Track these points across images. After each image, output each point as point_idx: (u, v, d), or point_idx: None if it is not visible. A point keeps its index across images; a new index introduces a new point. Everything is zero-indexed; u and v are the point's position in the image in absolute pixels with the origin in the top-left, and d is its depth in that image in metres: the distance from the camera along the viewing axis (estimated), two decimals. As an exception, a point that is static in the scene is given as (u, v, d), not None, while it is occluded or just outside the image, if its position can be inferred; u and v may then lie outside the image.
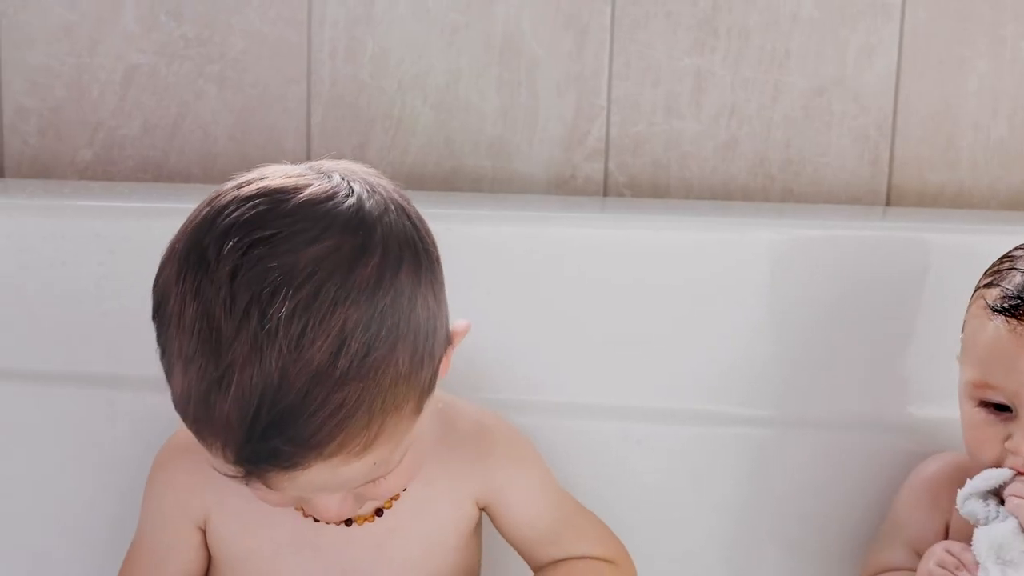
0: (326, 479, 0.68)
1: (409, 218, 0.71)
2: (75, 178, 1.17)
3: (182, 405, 0.69)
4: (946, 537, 0.89)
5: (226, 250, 0.67)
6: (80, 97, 1.15)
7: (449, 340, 0.74)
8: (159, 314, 0.71)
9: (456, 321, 0.77)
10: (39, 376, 0.99)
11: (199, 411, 0.67)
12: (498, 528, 0.88)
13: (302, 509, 0.79)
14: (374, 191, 0.70)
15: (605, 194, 1.20)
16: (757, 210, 1.15)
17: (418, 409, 0.70)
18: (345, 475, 0.68)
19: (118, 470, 0.98)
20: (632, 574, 0.91)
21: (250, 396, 0.64)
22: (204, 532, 0.85)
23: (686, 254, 1.03)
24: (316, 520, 0.79)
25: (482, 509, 0.87)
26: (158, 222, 0.98)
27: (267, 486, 0.68)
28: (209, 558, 0.86)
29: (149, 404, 0.98)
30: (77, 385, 1.00)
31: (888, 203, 1.19)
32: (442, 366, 0.74)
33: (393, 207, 0.70)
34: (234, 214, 0.69)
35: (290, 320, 0.64)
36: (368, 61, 1.16)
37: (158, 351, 0.72)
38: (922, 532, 0.91)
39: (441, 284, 0.73)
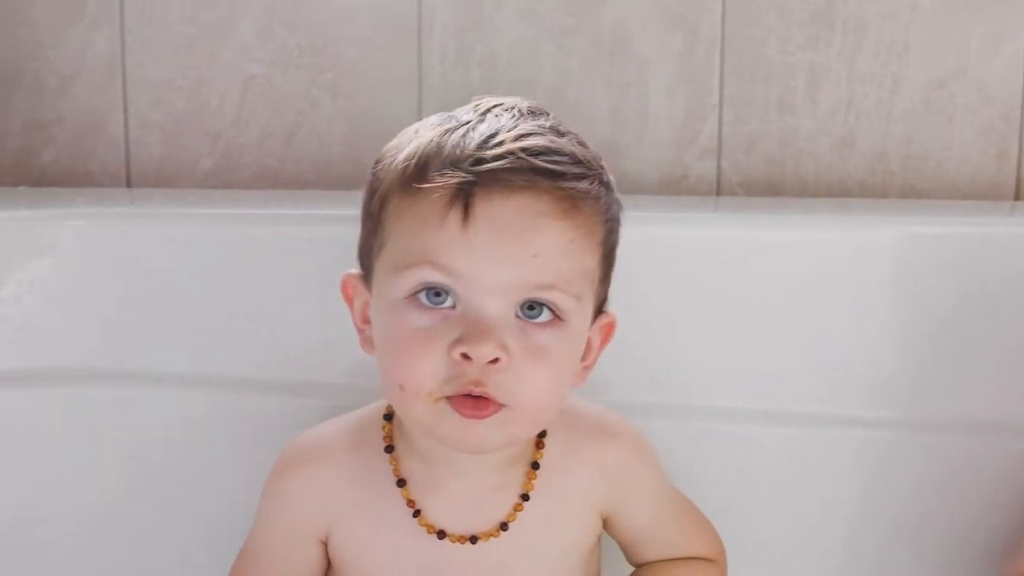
0: (527, 224, 0.69)
1: None
2: (196, 187, 1.20)
3: (404, 159, 0.73)
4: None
5: (464, 111, 0.75)
6: (200, 109, 1.19)
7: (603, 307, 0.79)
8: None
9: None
10: (164, 379, 1.02)
11: (430, 145, 0.72)
12: (608, 528, 0.87)
13: (427, 525, 0.79)
14: None
15: (718, 193, 1.19)
16: (877, 207, 1.12)
17: (600, 251, 0.74)
18: (542, 236, 0.70)
19: (238, 472, 0.98)
20: (726, 572, 0.90)
21: (493, 125, 0.72)
22: (325, 544, 0.83)
23: (803, 253, 1.01)
24: (440, 537, 0.78)
25: (604, 518, 0.86)
26: (277, 228, 1.03)
27: (467, 213, 0.69)
28: (328, 566, 0.85)
29: (270, 406, 1.01)
30: (201, 388, 1.02)
31: (1016, 198, 1.15)
32: (596, 339, 0.79)
33: None
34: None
35: (529, 110, 0.75)
36: (477, 66, 1.17)
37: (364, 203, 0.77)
38: None
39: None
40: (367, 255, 0.77)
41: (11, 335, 1.00)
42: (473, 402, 0.71)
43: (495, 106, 0.75)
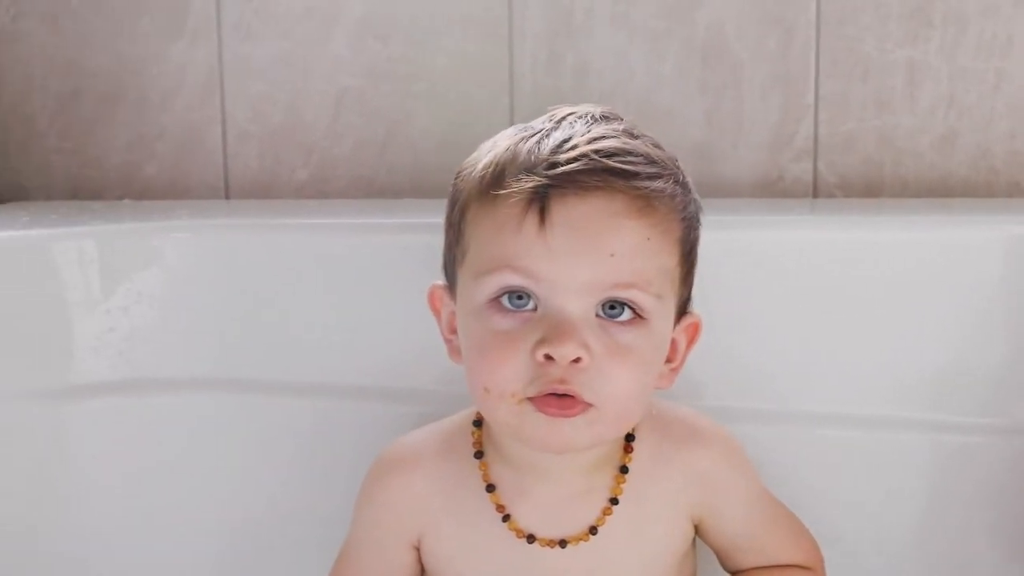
0: (603, 224, 0.70)
1: None
2: (292, 197, 1.22)
3: (482, 169, 0.74)
4: None
5: (540, 121, 0.76)
6: (296, 121, 1.21)
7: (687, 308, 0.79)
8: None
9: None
10: (265, 386, 1.04)
11: (506, 154, 0.73)
12: (701, 534, 0.86)
13: (516, 530, 0.79)
14: None
15: (815, 195, 1.17)
16: (981, 206, 1.09)
17: (678, 249, 0.75)
18: (618, 235, 0.70)
19: (337, 477, 0.99)
20: None
21: (567, 131, 0.73)
22: (419, 550, 0.84)
23: (904, 256, 0.99)
24: (530, 541, 0.79)
25: (696, 524, 0.85)
26: (373, 237, 1.04)
27: (544, 217, 0.70)
28: (422, 572, 0.86)
29: (367, 413, 1.02)
30: (301, 395, 1.03)
31: None
32: (682, 340, 0.79)
33: None
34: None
35: (603, 116, 0.76)
36: (569, 72, 1.17)
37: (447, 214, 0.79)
38: None
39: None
40: (450, 265, 0.78)
41: (119, 345, 1.03)
42: (558, 400, 0.71)
43: (569, 114, 0.76)
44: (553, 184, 0.70)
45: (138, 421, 1.04)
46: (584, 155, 0.70)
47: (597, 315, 0.72)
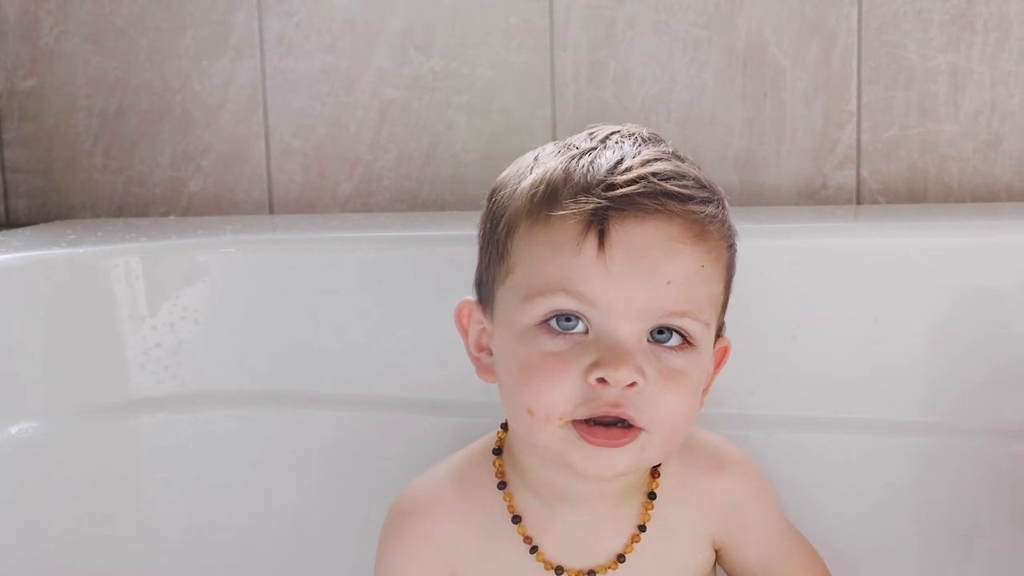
0: (660, 252, 0.69)
1: None
2: (337, 211, 1.23)
3: (530, 187, 0.73)
4: None
5: (581, 139, 0.75)
6: (339, 134, 1.21)
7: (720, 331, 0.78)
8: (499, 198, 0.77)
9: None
10: (312, 399, 1.04)
11: (557, 173, 0.72)
12: (720, 562, 0.85)
13: (544, 562, 0.78)
14: None
15: (858, 202, 1.16)
16: (1025, 211, 1.09)
17: (725, 276, 0.75)
18: (674, 261, 0.70)
19: (383, 490, 0.99)
20: None
21: (616, 153, 0.72)
22: None
23: (950, 260, 0.98)
24: (559, 573, 0.77)
25: (717, 550, 0.84)
26: (418, 249, 1.04)
27: (602, 241, 0.69)
28: None
29: (413, 424, 1.02)
30: (347, 407, 1.04)
31: None
32: (711, 363, 0.76)
33: None
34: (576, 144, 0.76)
35: (645, 138, 0.75)
36: (611, 82, 1.17)
37: (484, 233, 0.78)
38: None
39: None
40: (488, 283, 0.76)
41: (165, 361, 1.03)
42: (605, 431, 0.70)
43: (613, 132, 0.75)
44: (612, 206, 0.69)
45: (184, 436, 1.04)
46: (642, 177, 0.70)
47: (648, 340, 0.71)
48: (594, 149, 0.73)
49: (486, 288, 0.77)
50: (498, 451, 0.80)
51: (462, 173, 1.20)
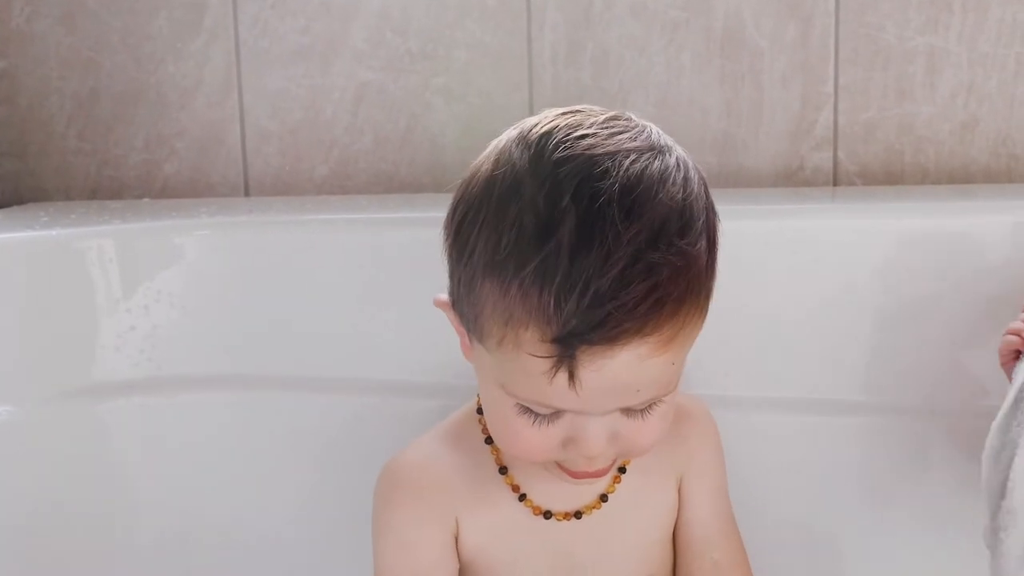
0: (631, 373, 0.68)
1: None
2: (313, 193, 1.22)
3: (499, 297, 0.68)
4: None
5: (549, 144, 0.69)
6: (315, 117, 1.21)
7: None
8: (462, 216, 0.73)
9: None
10: (288, 383, 1.04)
11: (524, 285, 0.67)
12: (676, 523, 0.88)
13: (533, 507, 0.80)
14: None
15: (835, 184, 1.17)
16: (1001, 193, 1.09)
17: (702, 315, 0.71)
18: (644, 373, 0.69)
19: (358, 474, 0.98)
20: None
21: (585, 260, 0.65)
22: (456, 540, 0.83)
23: (927, 242, 0.99)
24: (547, 517, 0.81)
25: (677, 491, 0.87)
26: (395, 232, 1.04)
27: (572, 377, 0.68)
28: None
29: (390, 408, 1.02)
30: (324, 391, 1.03)
31: None
32: None
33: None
34: (547, 124, 0.71)
35: (627, 177, 0.67)
36: (589, 63, 1.16)
37: (452, 258, 0.74)
38: None
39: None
40: (461, 308, 0.74)
41: (140, 344, 1.03)
42: (586, 473, 0.75)
43: (586, 177, 0.67)
44: (581, 351, 0.67)
45: (160, 419, 1.03)
46: (610, 315, 0.66)
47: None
48: (562, 242, 0.66)
49: (460, 308, 0.75)
50: (481, 410, 0.82)
51: (439, 155, 1.20)
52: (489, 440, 0.81)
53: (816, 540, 1.00)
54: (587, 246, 0.65)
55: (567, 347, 0.67)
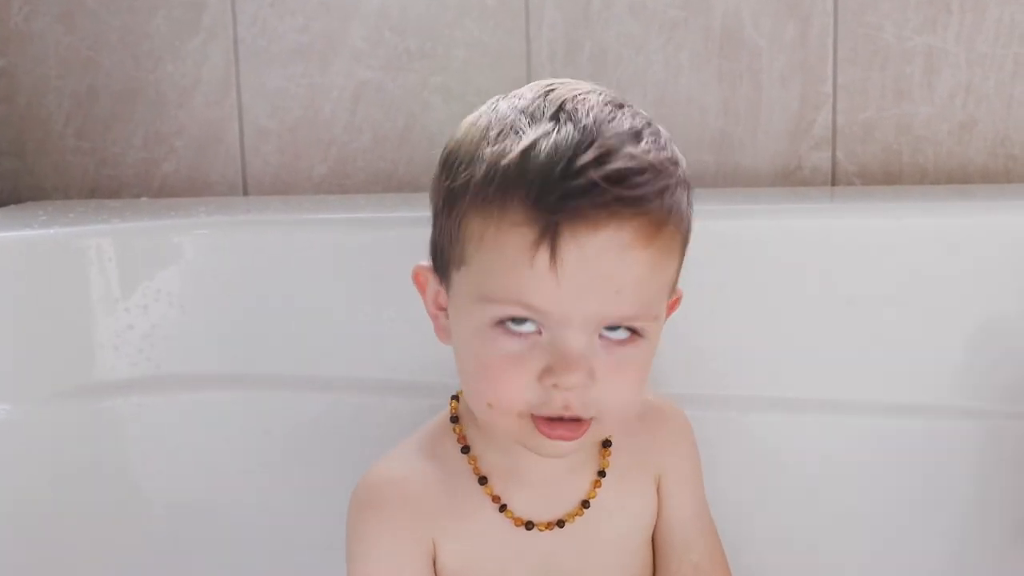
0: (612, 263, 0.69)
1: None
2: (311, 192, 1.22)
3: (483, 180, 0.71)
4: None
5: (535, 103, 0.73)
6: (314, 116, 1.21)
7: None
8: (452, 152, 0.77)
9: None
10: (286, 382, 1.04)
11: (509, 169, 0.70)
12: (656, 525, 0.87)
13: (514, 519, 0.79)
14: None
15: (833, 184, 1.17)
16: (1000, 193, 1.09)
17: (680, 241, 0.73)
18: (625, 269, 0.69)
19: (357, 473, 0.99)
20: None
21: (570, 140, 0.69)
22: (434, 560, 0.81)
23: (925, 242, 0.99)
24: (528, 528, 0.79)
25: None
26: (393, 231, 1.04)
27: (554, 255, 0.68)
28: None
29: (390, 408, 1.02)
30: (322, 390, 1.03)
31: None
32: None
33: None
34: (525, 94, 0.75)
35: (602, 106, 0.72)
36: (587, 62, 1.16)
37: (437, 189, 0.77)
38: None
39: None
40: (443, 258, 0.76)
41: (138, 343, 1.03)
42: (562, 424, 0.72)
43: (571, 99, 0.73)
44: (565, 217, 0.68)
45: (159, 418, 1.03)
46: (593, 184, 0.68)
47: (599, 335, 0.72)
48: (549, 133, 0.71)
49: (441, 260, 0.77)
50: (455, 419, 0.81)
51: (437, 154, 1.19)
52: (466, 449, 0.80)
53: (815, 540, 1.00)
54: (575, 131, 0.70)
55: (551, 212, 0.68)
